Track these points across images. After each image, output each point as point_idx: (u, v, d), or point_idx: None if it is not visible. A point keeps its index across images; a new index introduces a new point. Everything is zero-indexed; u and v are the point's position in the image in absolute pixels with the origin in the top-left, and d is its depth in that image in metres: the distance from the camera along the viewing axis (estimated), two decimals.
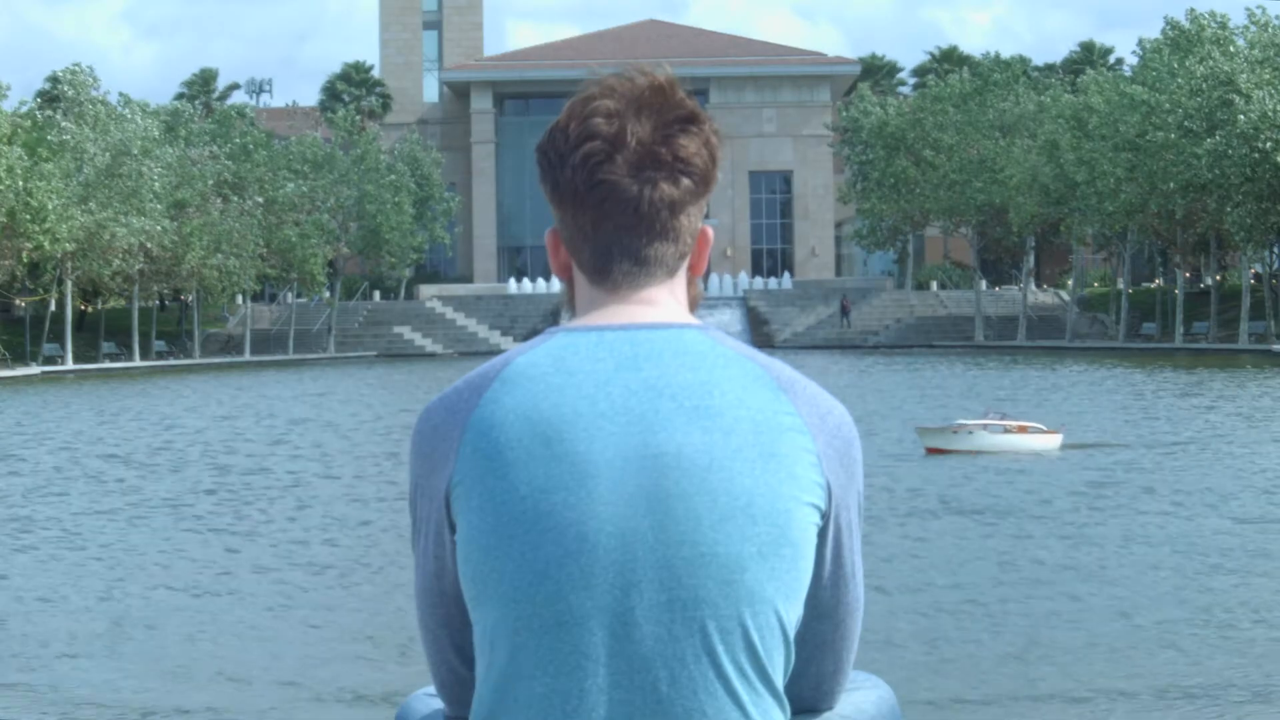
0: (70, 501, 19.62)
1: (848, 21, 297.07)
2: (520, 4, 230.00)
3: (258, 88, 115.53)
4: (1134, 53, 73.12)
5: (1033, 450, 22.80)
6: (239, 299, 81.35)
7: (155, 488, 20.92)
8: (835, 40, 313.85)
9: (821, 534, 1.99)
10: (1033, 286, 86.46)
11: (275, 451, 25.95)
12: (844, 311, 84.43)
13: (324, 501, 19.36)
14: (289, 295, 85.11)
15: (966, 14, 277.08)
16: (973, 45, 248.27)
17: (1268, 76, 61.29)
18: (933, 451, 23.11)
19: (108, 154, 66.68)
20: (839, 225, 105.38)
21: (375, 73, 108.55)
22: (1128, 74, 78.34)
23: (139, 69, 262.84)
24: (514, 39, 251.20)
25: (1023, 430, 23.28)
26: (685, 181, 2.00)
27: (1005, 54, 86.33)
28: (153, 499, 19.70)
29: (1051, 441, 23.10)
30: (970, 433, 23.34)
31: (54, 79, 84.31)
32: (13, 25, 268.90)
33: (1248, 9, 64.36)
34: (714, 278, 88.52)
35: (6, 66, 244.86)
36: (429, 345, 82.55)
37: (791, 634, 1.96)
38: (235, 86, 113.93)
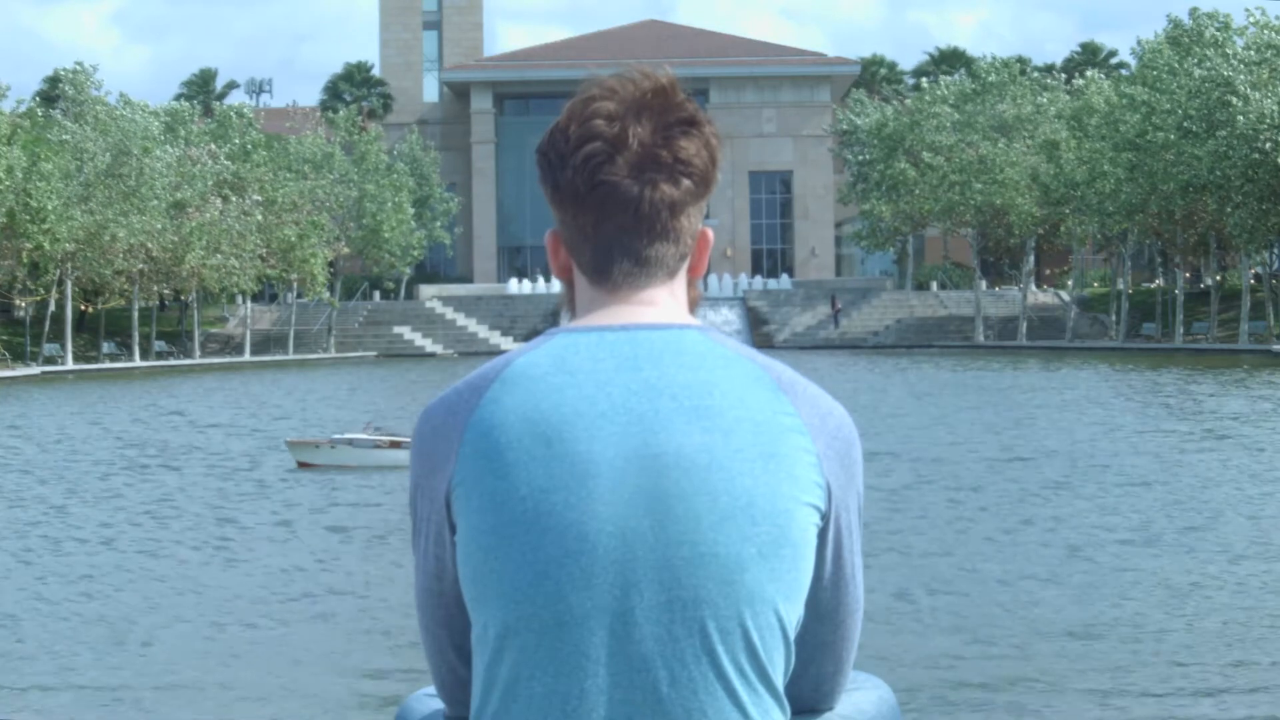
0: (57, 502, 19.63)
1: (835, 23, 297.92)
2: (511, 6, 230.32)
3: (258, 88, 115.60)
4: (1133, 52, 73.17)
5: (403, 465, 22.34)
6: (239, 299, 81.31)
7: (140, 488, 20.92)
8: (823, 42, 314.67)
9: (821, 535, 1.99)
10: (1033, 287, 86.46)
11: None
12: (834, 313, 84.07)
13: (317, 502, 19.36)
14: (289, 295, 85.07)
15: (953, 16, 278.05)
16: (960, 47, 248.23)
17: (1265, 77, 61.29)
18: (304, 466, 22.58)
19: (108, 154, 66.67)
20: (839, 225, 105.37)
21: (375, 73, 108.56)
22: (1127, 75, 78.41)
23: (132, 71, 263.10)
24: (505, 41, 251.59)
25: (395, 445, 22.51)
26: (685, 182, 2.00)
27: (992, 56, 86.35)
28: (135, 500, 19.70)
29: None
30: (333, 447, 22.74)
31: (53, 79, 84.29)
32: (3, 27, 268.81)
33: (1247, 9, 64.39)
34: (714, 278, 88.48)
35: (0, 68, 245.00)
36: (429, 345, 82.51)
37: (792, 634, 1.96)
38: (234, 85, 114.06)
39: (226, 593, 12.98)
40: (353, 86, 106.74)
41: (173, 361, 72.38)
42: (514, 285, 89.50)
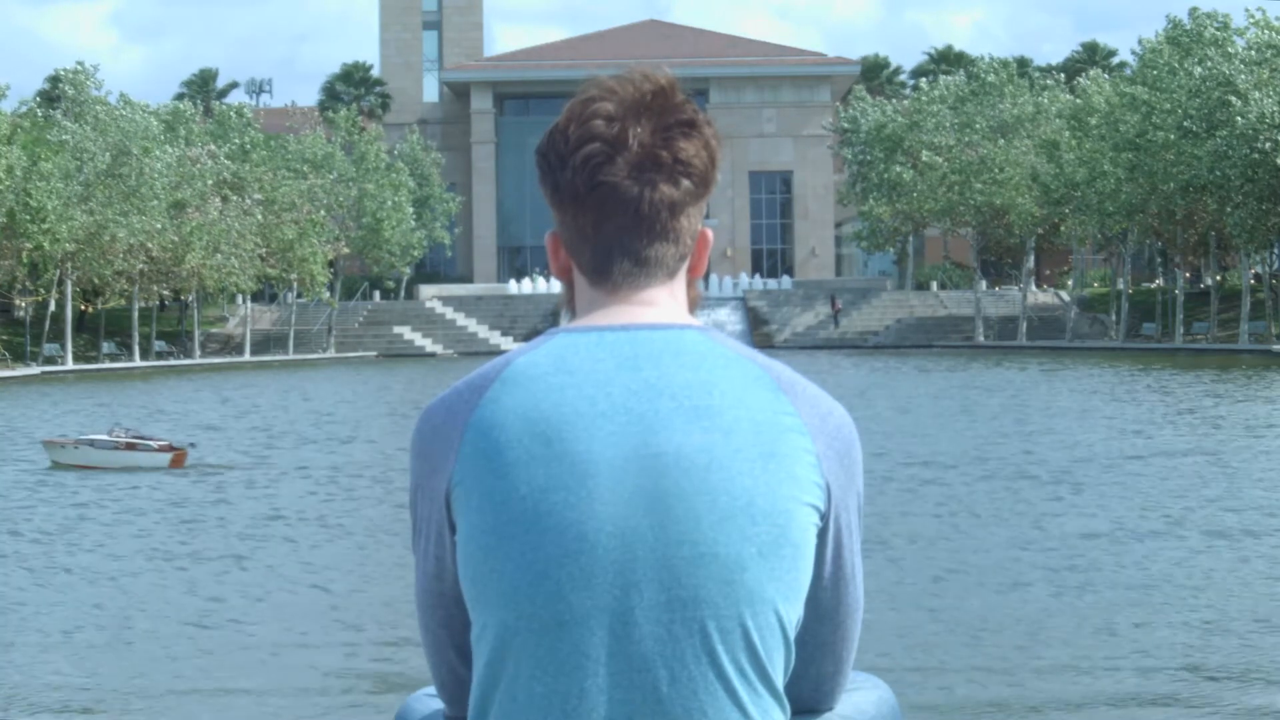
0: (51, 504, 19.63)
1: (831, 24, 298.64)
2: (508, 7, 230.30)
3: (258, 88, 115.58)
4: (1133, 52, 73.19)
5: (138, 466, 22.71)
6: (239, 299, 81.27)
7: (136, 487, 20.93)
8: (820, 43, 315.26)
9: (821, 535, 1.99)
10: (1033, 287, 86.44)
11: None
12: (834, 313, 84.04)
13: (311, 501, 19.36)
14: (289, 295, 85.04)
15: (949, 16, 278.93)
16: (956, 47, 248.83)
17: (1265, 76, 61.27)
18: (58, 465, 23.18)
19: (108, 154, 66.63)
20: (839, 225, 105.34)
21: (375, 73, 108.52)
22: (1128, 75, 78.41)
23: (130, 72, 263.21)
24: (503, 42, 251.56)
25: (131, 446, 23.09)
26: (685, 183, 2.00)
27: (990, 56, 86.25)
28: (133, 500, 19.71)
29: (159, 459, 22.85)
30: (77, 447, 23.36)
31: (54, 79, 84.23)
32: (1, 27, 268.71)
33: (1247, 9, 64.40)
34: (714, 278, 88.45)
35: None
36: (429, 345, 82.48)
37: (792, 634, 1.96)
38: (234, 85, 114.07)
39: (212, 594, 12.99)
40: (351, 86, 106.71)
41: (173, 361, 72.33)
42: (514, 285, 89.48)
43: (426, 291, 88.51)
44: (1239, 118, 60.18)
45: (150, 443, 23.39)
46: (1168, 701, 9.03)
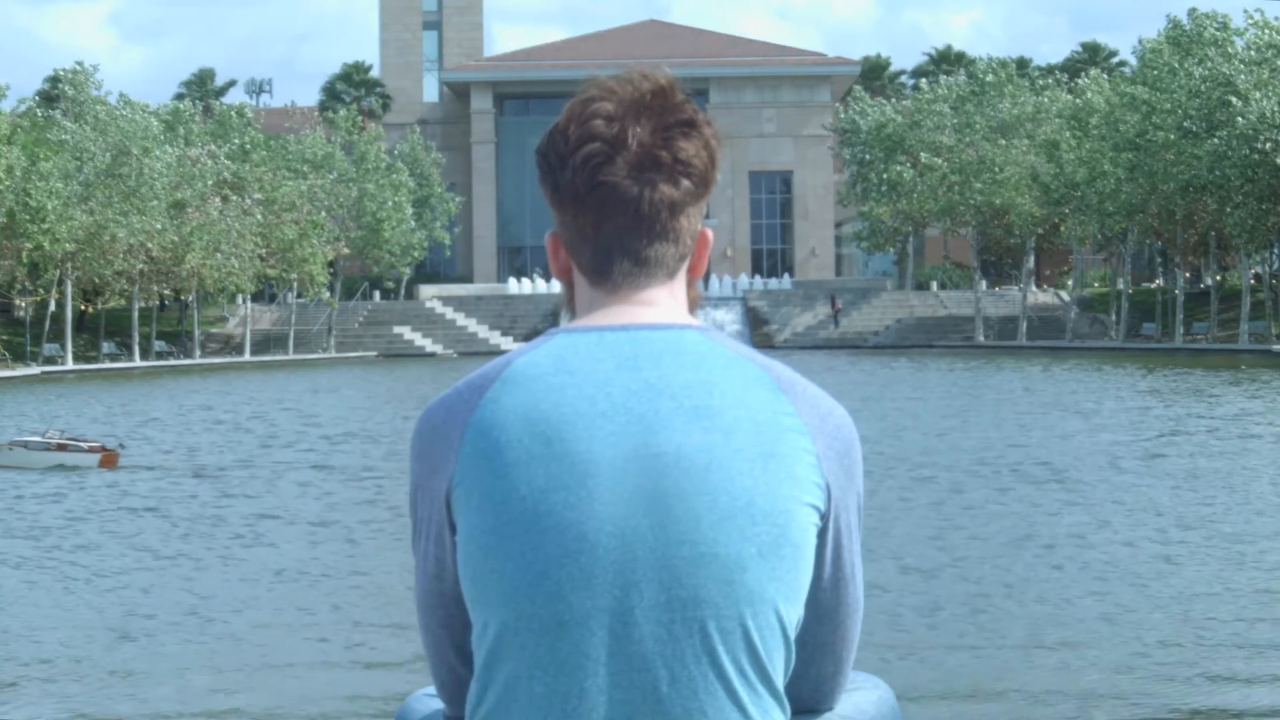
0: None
1: (830, 24, 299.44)
2: (507, 7, 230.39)
3: (257, 88, 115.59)
4: (1133, 51, 73.26)
5: (69, 466, 22.95)
6: (239, 299, 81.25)
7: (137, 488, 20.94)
8: (819, 43, 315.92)
9: (821, 535, 1.99)
10: (1033, 287, 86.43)
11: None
12: (834, 313, 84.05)
13: (311, 501, 19.37)
14: (289, 295, 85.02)
15: (947, 17, 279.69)
16: (955, 47, 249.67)
17: (1266, 76, 61.31)
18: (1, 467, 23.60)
19: (108, 154, 66.63)
20: (839, 225, 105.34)
21: (375, 73, 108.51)
22: (1128, 74, 78.49)
23: (129, 72, 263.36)
24: (502, 43, 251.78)
25: (61, 447, 23.39)
26: (685, 183, 2.00)
27: (989, 56, 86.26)
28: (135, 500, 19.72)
29: (89, 459, 23.08)
30: (11, 449, 23.73)
31: (54, 79, 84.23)
32: (1, 27, 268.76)
33: (1246, 10, 64.45)
34: (714, 278, 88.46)
35: None
36: (429, 345, 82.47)
37: (792, 634, 1.96)
38: (233, 83, 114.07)
39: (215, 591, 12.99)
40: (351, 86, 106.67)
41: (173, 361, 72.31)
42: (514, 285, 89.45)
43: (426, 291, 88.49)
44: (1239, 118, 60.22)
45: (80, 444, 23.67)
46: (1164, 700, 9.05)
